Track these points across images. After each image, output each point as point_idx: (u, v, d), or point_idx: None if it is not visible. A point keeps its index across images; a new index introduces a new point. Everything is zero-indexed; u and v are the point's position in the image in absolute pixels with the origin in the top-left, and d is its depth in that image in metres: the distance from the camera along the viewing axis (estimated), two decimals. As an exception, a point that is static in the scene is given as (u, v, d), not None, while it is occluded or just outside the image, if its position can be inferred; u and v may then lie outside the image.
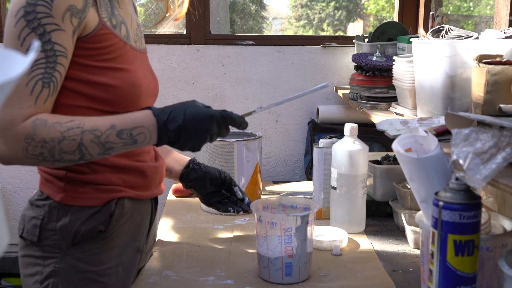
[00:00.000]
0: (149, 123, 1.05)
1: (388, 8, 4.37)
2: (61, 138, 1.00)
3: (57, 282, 1.12)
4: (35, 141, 0.99)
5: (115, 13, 1.14)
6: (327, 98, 2.28)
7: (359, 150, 1.50)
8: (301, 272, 1.21)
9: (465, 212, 0.85)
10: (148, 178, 1.22)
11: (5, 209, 2.27)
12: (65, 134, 1.00)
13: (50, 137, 1.00)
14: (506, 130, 0.84)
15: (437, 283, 0.89)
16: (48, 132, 1.00)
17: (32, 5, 1.00)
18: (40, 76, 1.01)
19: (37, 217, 1.13)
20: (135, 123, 1.04)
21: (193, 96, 2.24)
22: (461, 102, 1.28)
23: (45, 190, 1.14)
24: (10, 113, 0.99)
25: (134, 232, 1.21)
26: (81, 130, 1.01)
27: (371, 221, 1.62)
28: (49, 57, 1.01)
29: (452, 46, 1.26)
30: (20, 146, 0.99)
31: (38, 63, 1.01)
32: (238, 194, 1.44)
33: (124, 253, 1.18)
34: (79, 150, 1.01)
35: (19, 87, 1.00)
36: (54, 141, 1.00)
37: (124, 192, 1.16)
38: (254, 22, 3.58)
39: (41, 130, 0.99)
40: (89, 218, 1.12)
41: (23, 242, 1.16)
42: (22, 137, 0.99)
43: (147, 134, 1.05)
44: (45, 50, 1.01)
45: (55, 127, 1.00)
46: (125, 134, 1.03)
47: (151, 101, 1.25)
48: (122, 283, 1.17)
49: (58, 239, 1.12)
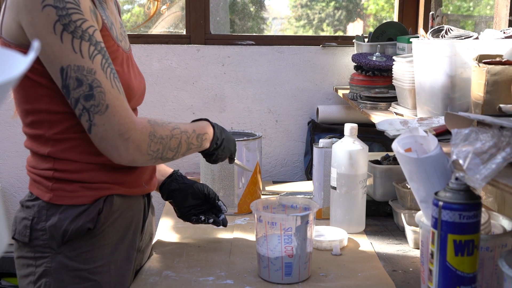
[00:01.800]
0: (210, 131, 1.26)
1: (388, 8, 4.37)
2: (170, 136, 1.14)
3: (49, 282, 1.12)
4: (156, 137, 1.11)
5: (107, 14, 1.14)
6: (327, 98, 2.28)
7: (359, 150, 1.50)
8: (301, 272, 1.21)
9: (465, 212, 0.85)
10: (136, 174, 1.21)
11: (5, 209, 2.27)
12: (173, 133, 1.15)
13: (166, 134, 1.13)
14: (506, 130, 0.84)
15: (437, 283, 0.89)
16: (164, 130, 1.13)
17: (65, 16, 1.00)
18: (113, 72, 1.07)
19: (27, 218, 1.13)
20: (204, 130, 1.23)
21: (193, 96, 2.25)
22: (461, 102, 1.28)
23: (34, 190, 1.14)
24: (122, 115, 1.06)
25: (125, 229, 1.20)
26: (180, 131, 1.16)
27: (371, 221, 1.63)
28: (103, 54, 1.06)
29: (452, 46, 1.26)
30: (146, 143, 1.09)
31: (103, 64, 1.05)
32: (223, 208, 1.44)
33: (116, 250, 1.17)
34: (177, 148, 1.15)
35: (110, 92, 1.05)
36: (167, 138, 1.13)
37: (112, 189, 1.16)
38: (253, 22, 3.58)
39: (158, 128, 1.12)
40: (77, 217, 1.11)
41: (16, 244, 1.16)
42: (146, 135, 1.09)
43: (208, 139, 1.24)
44: (99, 50, 1.05)
45: (164, 126, 1.13)
46: (200, 137, 1.21)
47: (140, 100, 1.25)
48: (116, 281, 1.17)
49: (48, 239, 1.12)
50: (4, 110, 2.16)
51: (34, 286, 1.13)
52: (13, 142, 2.23)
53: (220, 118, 2.26)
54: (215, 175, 1.67)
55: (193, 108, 2.25)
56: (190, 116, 2.25)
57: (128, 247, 1.21)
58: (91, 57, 1.03)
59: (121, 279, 1.19)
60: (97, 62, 1.04)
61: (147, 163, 1.14)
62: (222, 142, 1.28)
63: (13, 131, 2.22)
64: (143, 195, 1.28)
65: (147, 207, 1.30)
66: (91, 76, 1.03)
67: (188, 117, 2.25)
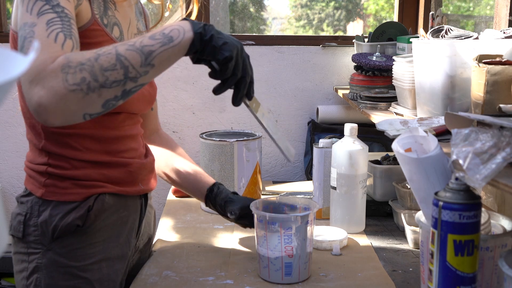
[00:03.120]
0: (179, 22, 0.99)
1: (387, 8, 4.37)
2: (96, 56, 0.91)
3: (40, 278, 1.12)
4: (72, 67, 0.89)
5: (109, 13, 1.14)
6: (327, 98, 2.28)
7: (359, 150, 1.50)
8: (301, 272, 1.21)
9: (465, 212, 0.85)
10: (133, 174, 1.21)
11: (5, 209, 2.27)
12: (99, 52, 0.92)
13: (86, 58, 0.90)
14: (506, 130, 0.84)
15: (437, 283, 0.89)
16: (83, 55, 0.91)
17: None
18: (59, 29, 0.95)
19: (21, 214, 1.14)
20: (164, 27, 0.97)
21: (193, 96, 2.24)
22: (461, 102, 1.28)
23: (28, 186, 1.15)
24: (39, 59, 0.90)
25: (119, 228, 1.20)
26: (113, 46, 0.93)
27: (371, 221, 1.63)
28: (62, 17, 0.96)
29: (452, 46, 1.26)
30: (59, 79, 0.88)
31: (53, 20, 0.95)
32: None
33: (108, 248, 1.17)
34: (119, 62, 0.91)
35: (41, 40, 0.92)
36: (91, 60, 0.90)
37: (105, 188, 1.16)
38: (253, 23, 3.58)
39: (75, 56, 0.91)
40: (67, 213, 1.12)
41: (12, 239, 1.17)
42: (58, 70, 0.89)
43: (180, 29, 0.96)
44: (56, 11, 0.96)
45: (88, 51, 0.93)
46: (157, 35, 0.95)
47: (143, 107, 1.25)
48: (108, 279, 1.17)
49: (39, 235, 1.12)
50: (4, 110, 2.17)
51: (26, 282, 1.13)
52: (13, 142, 2.23)
53: (220, 118, 2.26)
54: (215, 175, 1.67)
55: (193, 108, 2.25)
56: (190, 116, 2.25)
57: (122, 246, 1.21)
58: (39, 13, 0.95)
59: (113, 277, 1.19)
60: (45, 18, 0.95)
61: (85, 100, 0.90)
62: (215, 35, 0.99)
63: (13, 131, 2.22)
64: (140, 195, 1.28)
65: (144, 207, 1.30)
66: (30, 28, 0.95)
67: (188, 117, 2.25)
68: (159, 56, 0.94)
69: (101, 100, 0.92)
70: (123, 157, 1.19)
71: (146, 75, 0.95)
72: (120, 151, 1.19)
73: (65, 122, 0.92)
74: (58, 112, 0.89)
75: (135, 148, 1.23)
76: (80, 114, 0.92)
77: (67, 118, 0.92)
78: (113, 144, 1.18)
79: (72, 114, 0.91)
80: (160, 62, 0.95)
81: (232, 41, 1.00)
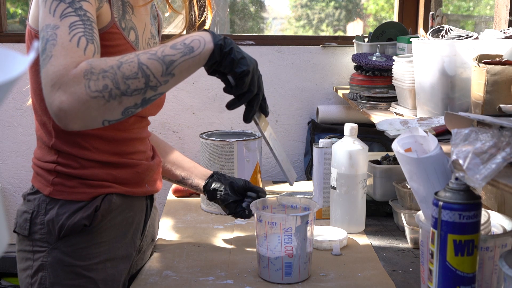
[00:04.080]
0: (199, 33, 1.00)
1: (388, 8, 4.37)
2: (119, 64, 0.92)
3: (45, 276, 1.12)
4: (95, 74, 0.90)
5: (126, 17, 1.14)
6: (327, 98, 2.28)
7: (359, 150, 1.50)
8: (301, 272, 1.21)
9: (465, 212, 0.85)
10: (140, 175, 1.22)
11: (5, 209, 2.27)
12: (121, 60, 0.93)
13: (109, 65, 0.91)
14: (505, 130, 0.84)
15: (437, 283, 0.89)
16: (106, 63, 0.92)
17: None
18: (81, 33, 0.95)
19: (28, 211, 1.14)
20: (185, 37, 0.99)
21: (193, 96, 2.24)
22: (461, 102, 1.28)
23: (36, 183, 1.15)
24: (61, 63, 0.90)
25: (125, 228, 1.20)
26: (135, 54, 0.94)
27: (371, 221, 1.63)
28: (84, 21, 0.97)
29: (452, 46, 1.26)
30: (82, 85, 0.89)
31: (75, 24, 0.95)
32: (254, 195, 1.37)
33: (113, 249, 1.17)
34: (141, 70, 0.92)
35: (63, 44, 0.93)
36: (114, 68, 0.91)
37: (113, 188, 1.16)
38: (253, 22, 3.59)
39: (98, 62, 0.92)
40: (74, 213, 1.12)
41: (17, 237, 1.17)
42: (81, 76, 0.89)
43: (201, 39, 0.98)
44: (79, 15, 0.96)
45: (110, 58, 0.93)
46: (178, 44, 0.97)
47: (153, 111, 1.26)
48: (112, 279, 1.17)
49: (46, 233, 1.12)
50: (4, 110, 2.16)
51: (31, 280, 1.13)
52: (13, 142, 2.23)
53: (220, 118, 2.26)
54: (215, 175, 1.67)
55: (193, 108, 2.25)
56: (190, 116, 2.25)
57: (127, 246, 1.21)
58: (62, 16, 0.95)
59: (118, 277, 1.19)
60: (68, 20, 0.95)
61: (106, 107, 0.91)
62: (234, 48, 1.01)
63: (13, 131, 2.22)
64: (146, 196, 1.28)
65: (149, 208, 1.30)
66: (52, 31, 0.94)
67: (188, 117, 2.25)
68: (180, 66, 0.96)
69: (121, 107, 0.93)
70: (131, 159, 1.20)
71: (166, 84, 0.96)
72: (128, 152, 1.19)
73: (84, 127, 0.94)
74: (78, 117, 0.90)
75: (143, 150, 1.24)
76: (100, 120, 0.93)
77: (87, 123, 0.93)
78: (122, 145, 1.18)
79: (92, 120, 0.92)
80: (180, 72, 0.96)
81: (249, 57, 1.04)
